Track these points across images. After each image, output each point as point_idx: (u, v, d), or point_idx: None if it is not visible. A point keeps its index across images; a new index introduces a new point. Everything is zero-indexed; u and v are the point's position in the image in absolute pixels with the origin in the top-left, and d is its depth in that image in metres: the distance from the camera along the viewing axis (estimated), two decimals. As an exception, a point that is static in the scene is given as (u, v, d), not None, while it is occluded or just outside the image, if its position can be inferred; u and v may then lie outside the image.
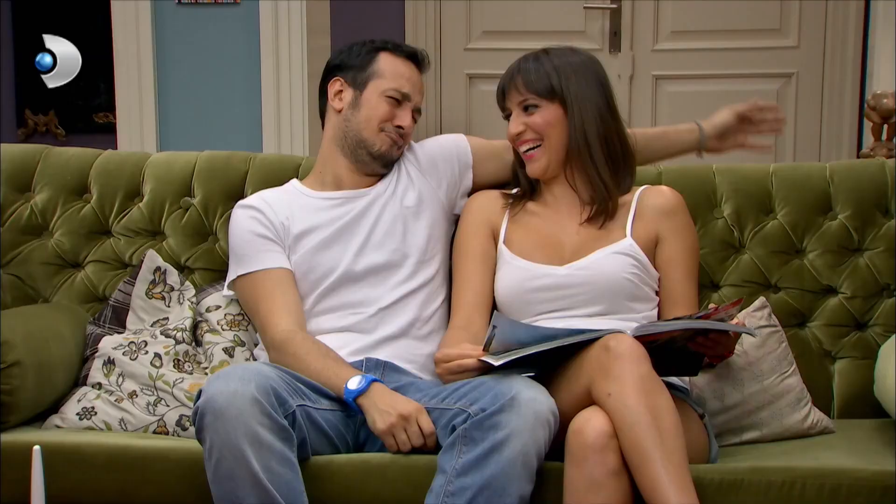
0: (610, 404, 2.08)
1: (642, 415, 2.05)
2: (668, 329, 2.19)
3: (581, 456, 2.06)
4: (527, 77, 2.44)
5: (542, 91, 2.43)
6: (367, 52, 2.56)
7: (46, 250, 2.74)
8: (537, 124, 2.43)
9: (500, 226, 2.51)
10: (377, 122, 2.53)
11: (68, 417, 2.48)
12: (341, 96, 2.56)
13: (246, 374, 2.14)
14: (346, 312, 2.48)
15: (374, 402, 2.22)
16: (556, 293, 2.40)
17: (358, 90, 2.55)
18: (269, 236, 2.51)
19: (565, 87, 2.43)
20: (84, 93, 4.70)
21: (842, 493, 2.16)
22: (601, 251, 2.42)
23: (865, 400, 2.58)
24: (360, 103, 2.55)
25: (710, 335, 2.22)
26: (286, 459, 2.11)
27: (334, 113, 2.58)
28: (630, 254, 2.41)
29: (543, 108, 2.43)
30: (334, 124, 2.58)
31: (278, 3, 4.04)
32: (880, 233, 2.67)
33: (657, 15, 4.54)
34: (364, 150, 2.55)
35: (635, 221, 2.45)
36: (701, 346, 2.25)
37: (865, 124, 3.88)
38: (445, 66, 4.70)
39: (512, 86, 2.46)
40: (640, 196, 2.48)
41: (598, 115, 2.44)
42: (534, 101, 2.44)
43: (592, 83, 2.46)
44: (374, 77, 2.54)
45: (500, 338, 2.17)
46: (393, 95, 2.53)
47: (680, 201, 2.49)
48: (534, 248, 2.46)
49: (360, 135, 2.55)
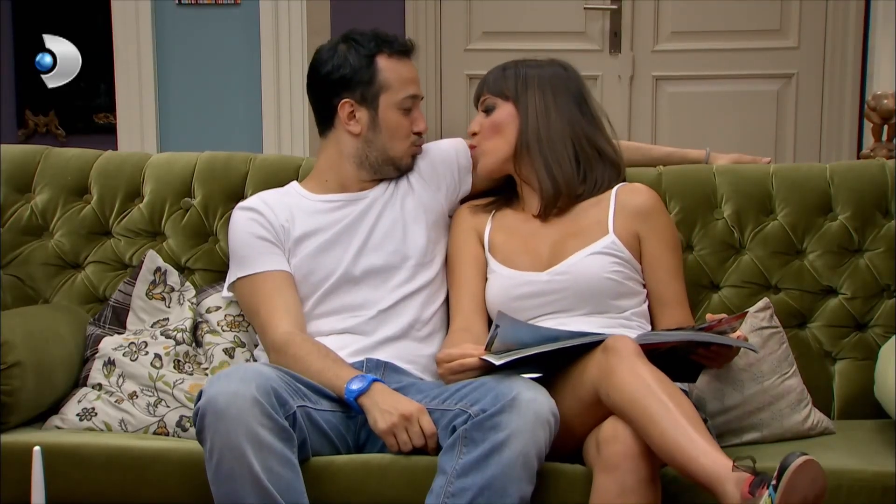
0: (611, 395, 2.08)
1: (642, 387, 2.05)
2: (671, 339, 2.19)
3: (614, 463, 2.06)
4: (494, 76, 2.54)
5: (496, 91, 2.51)
6: (365, 60, 2.51)
7: (46, 251, 2.74)
8: (488, 125, 2.52)
9: (484, 234, 2.54)
10: (401, 137, 2.53)
11: (68, 418, 2.48)
12: (356, 119, 2.52)
13: (246, 374, 2.14)
14: (346, 315, 2.48)
15: (376, 401, 2.22)
16: (541, 299, 2.42)
17: (372, 110, 2.51)
18: (268, 238, 2.51)
19: (520, 88, 2.50)
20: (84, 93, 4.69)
21: (842, 493, 2.16)
22: (579, 253, 2.43)
23: (866, 401, 2.58)
24: (378, 124, 2.52)
25: (712, 347, 2.22)
26: (287, 460, 2.11)
27: (350, 136, 2.53)
28: (609, 251, 2.42)
29: (499, 109, 2.51)
30: (352, 145, 2.54)
31: (278, 3, 4.05)
32: (880, 233, 2.67)
33: (657, 15, 4.54)
34: (391, 165, 2.56)
35: (616, 218, 2.46)
36: (702, 357, 2.25)
37: (865, 125, 3.88)
38: (445, 66, 4.69)
39: (482, 87, 2.55)
40: (616, 193, 2.49)
41: (559, 115, 2.48)
42: (491, 102, 2.52)
43: (560, 90, 2.51)
44: (382, 91, 2.51)
45: (502, 337, 2.17)
46: (406, 105, 2.52)
47: (656, 200, 2.51)
48: (515, 255, 2.49)
49: (387, 154, 2.54)
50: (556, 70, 2.54)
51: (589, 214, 2.48)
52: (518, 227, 2.52)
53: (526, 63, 2.55)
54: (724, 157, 2.78)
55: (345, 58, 2.52)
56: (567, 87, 2.53)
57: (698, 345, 2.22)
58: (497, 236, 2.52)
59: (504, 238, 2.51)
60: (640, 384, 2.06)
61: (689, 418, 2.02)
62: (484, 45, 4.60)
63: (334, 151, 2.57)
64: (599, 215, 2.47)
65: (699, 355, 2.24)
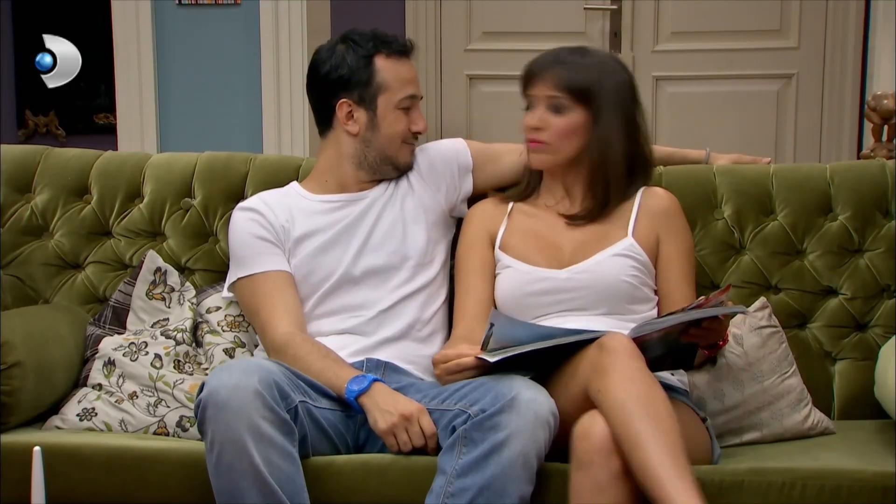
0: (602, 398, 2.08)
1: (631, 400, 2.04)
2: (663, 326, 2.19)
3: (587, 460, 2.06)
4: (565, 71, 2.41)
5: (576, 91, 2.40)
6: (363, 61, 2.51)
7: (47, 251, 2.74)
8: (559, 129, 2.41)
9: (497, 232, 2.51)
10: (399, 137, 2.53)
11: (68, 418, 2.48)
12: (354, 119, 2.52)
13: (249, 367, 2.14)
14: (346, 315, 2.48)
15: (376, 401, 2.22)
16: (557, 297, 2.41)
17: (370, 110, 2.51)
18: (268, 239, 2.51)
19: (598, 93, 2.40)
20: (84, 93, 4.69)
21: (842, 493, 2.16)
22: (601, 254, 2.42)
23: (866, 401, 2.58)
24: (376, 124, 2.52)
25: (703, 323, 2.22)
26: (287, 453, 2.11)
27: (348, 136, 2.54)
28: (630, 255, 2.42)
29: (571, 112, 2.41)
30: (350, 145, 2.54)
31: (278, 4, 4.05)
32: (880, 234, 2.67)
33: (657, 16, 4.54)
34: (389, 165, 2.55)
35: (637, 221, 2.45)
36: (694, 336, 2.25)
37: (866, 125, 3.87)
38: (445, 66, 4.69)
39: (546, 75, 2.41)
40: (641, 196, 2.49)
41: (626, 130, 2.43)
42: (564, 102, 2.41)
43: (626, 95, 2.45)
44: (381, 91, 2.51)
45: (497, 335, 2.17)
46: (405, 105, 2.52)
47: (676, 204, 2.51)
48: (533, 251, 2.46)
49: (385, 153, 2.54)
50: (623, 77, 2.45)
51: (613, 216, 2.47)
52: (538, 225, 2.50)
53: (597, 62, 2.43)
54: (724, 157, 2.78)
55: (343, 58, 2.52)
56: (633, 97, 2.46)
57: (690, 324, 2.22)
58: (514, 233, 2.50)
59: (522, 235, 2.49)
60: (633, 401, 2.04)
61: (674, 448, 2.01)
62: (484, 45, 4.59)
63: (333, 152, 2.57)
64: (622, 218, 2.46)
65: (691, 335, 2.24)
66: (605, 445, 2.05)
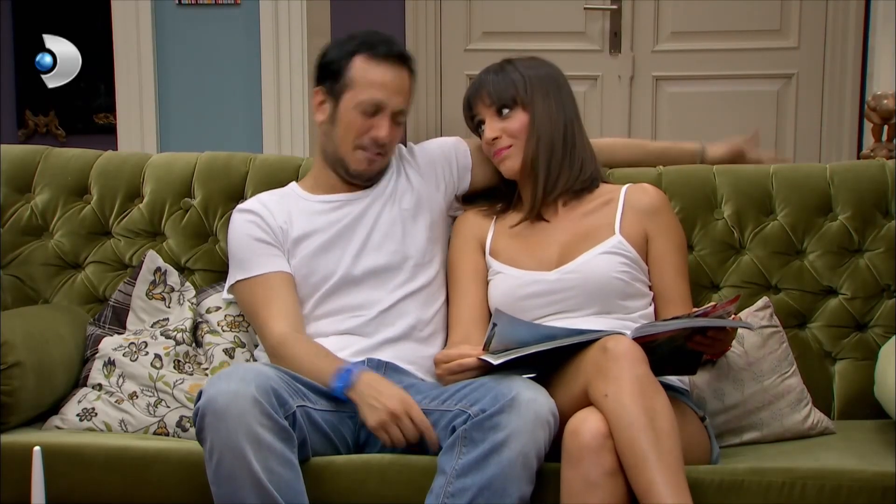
0: (606, 405, 2.08)
1: (638, 416, 2.05)
2: (668, 329, 2.19)
3: (577, 456, 2.07)
4: (491, 84, 2.51)
5: (508, 95, 2.49)
6: (344, 56, 2.49)
7: (47, 251, 2.74)
8: (512, 128, 2.49)
9: (486, 239, 2.53)
10: (352, 138, 2.48)
11: (68, 418, 2.48)
12: (323, 108, 2.52)
13: (246, 374, 2.14)
14: (347, 315, 2.48)
15: (362, 395, 2.22)
16: (548, 298, 2.42)
17: (335, 103, 2.50)
18: (267, 240, 2.50)
19: (526, 89, 2.48)
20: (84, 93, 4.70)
21: (842, 493, 2.16)
22: (589, 252, 2.43)
23: (866, 401, 2.58)
24: (336, 118, 2.49)
25: (709, 333, 2.22)
26: (286, 460, 2.11)
27: (318, 125, 2.55)
28: (619, 251, 2.43)
29: (514, 113, 2.49)
30: (320, 134, 2.56)
31: (278, 4, 4.05)
32: (880, 234, 2.67)
33: (657, 16, 4.54)
34: (342, 168, 2.53)
35: (624, 218, 2.46)
36: (699, 344, 2.25)
37: (866, 125, 3.88)
38: (445, 66, 4.70)
39: (481, 94, 2.52)
40: (625, 193, 2.50)
41: (563, 124, 2.49)
42: (504, 107, 2.49)
43: (555, 93, 2.51)
44: (347, 88, 2.47)
45: (500, 336, 2.17)
46: (365, 109, 2.47)
47: (664, 200, 2.52)
48: (522, 255, 2.48)
49: (338, 152, 2.51)
50: (547, 71, 2.54)
51: (597, 215, 2.49)
52: (524, 230, 2.52)
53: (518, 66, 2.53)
54: (720, 145, 2.77)
55: (332, 50, 2.54)
56: (558, 86, 2.53)
57: (695, 332, 2.22)
58: (501, 239, 2.52)
59: (509, 240, 2.51)
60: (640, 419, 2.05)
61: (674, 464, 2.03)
62: (484, 45, 4.60)
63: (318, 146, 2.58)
64: (608, 216, 2.48)
65: (697, 343, 2.25)
66: (597, 442, 2.06)
